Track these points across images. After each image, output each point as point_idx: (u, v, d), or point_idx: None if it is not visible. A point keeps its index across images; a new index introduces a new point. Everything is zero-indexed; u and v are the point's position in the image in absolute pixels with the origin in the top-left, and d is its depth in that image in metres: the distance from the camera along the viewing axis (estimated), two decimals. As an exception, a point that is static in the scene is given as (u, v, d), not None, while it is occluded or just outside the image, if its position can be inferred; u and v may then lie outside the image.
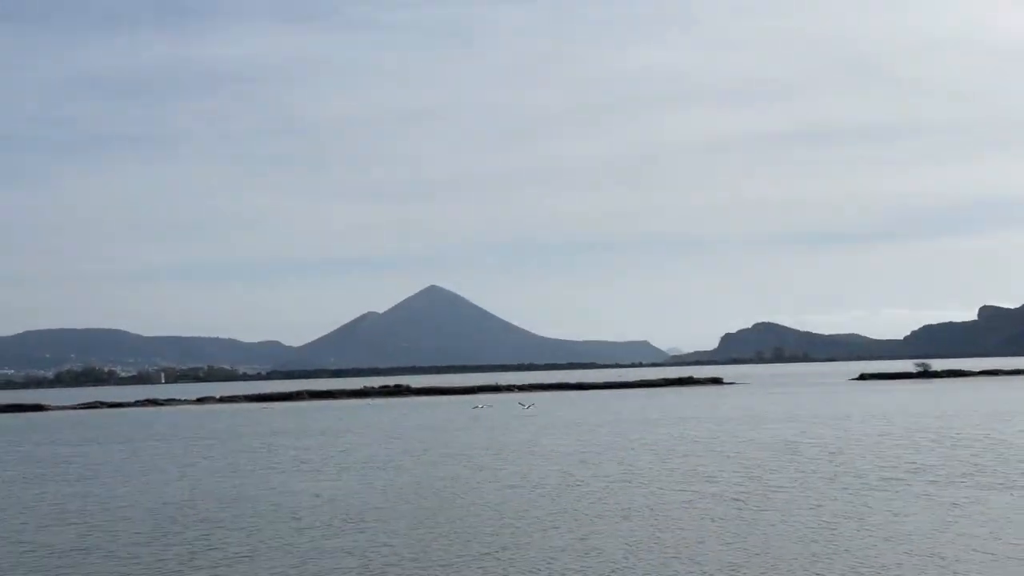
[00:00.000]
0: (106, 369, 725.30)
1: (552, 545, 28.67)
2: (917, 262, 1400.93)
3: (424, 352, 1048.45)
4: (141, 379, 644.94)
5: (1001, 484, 38.67)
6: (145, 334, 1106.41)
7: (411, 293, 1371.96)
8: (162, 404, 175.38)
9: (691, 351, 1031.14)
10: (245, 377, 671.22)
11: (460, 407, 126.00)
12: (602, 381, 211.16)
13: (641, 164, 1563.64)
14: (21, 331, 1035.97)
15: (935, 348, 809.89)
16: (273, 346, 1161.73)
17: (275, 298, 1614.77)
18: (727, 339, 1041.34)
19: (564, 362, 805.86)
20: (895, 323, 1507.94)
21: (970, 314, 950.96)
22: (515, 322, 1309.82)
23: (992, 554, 25.92)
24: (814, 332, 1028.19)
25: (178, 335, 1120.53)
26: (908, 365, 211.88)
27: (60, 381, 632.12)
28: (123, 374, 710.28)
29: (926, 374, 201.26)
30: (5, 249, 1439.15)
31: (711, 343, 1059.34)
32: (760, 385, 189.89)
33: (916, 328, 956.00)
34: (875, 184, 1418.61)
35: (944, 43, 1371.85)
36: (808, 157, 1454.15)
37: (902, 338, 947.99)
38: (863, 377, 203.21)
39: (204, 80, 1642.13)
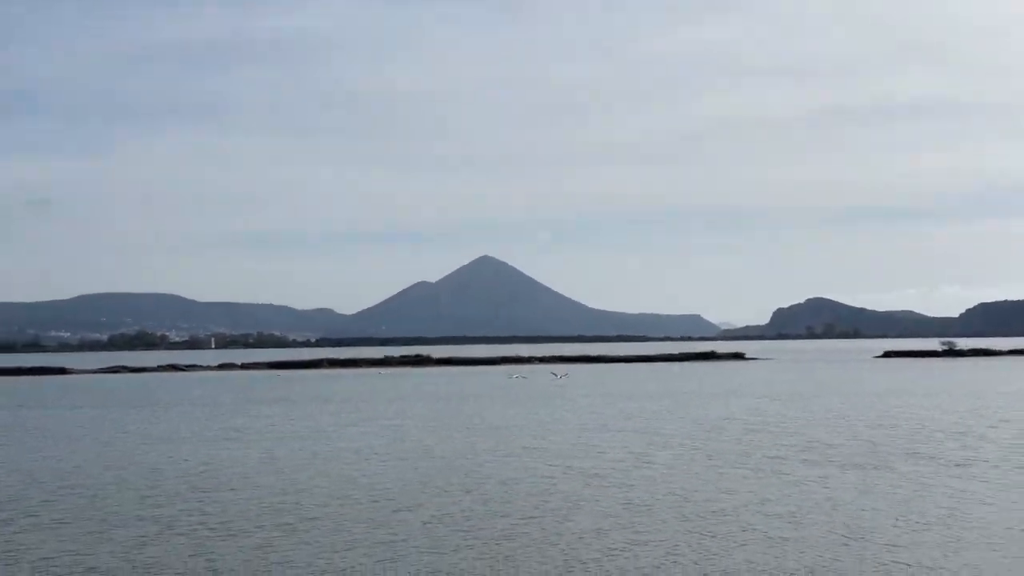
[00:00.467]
0: (159, 334, 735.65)
1: (353, 518, 29.09)
2: (976, 240, 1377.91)
3: (475, 322, 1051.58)
4: (192, 344, 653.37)
5: (872, 464, 38.49)
6: (200, 300, 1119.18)
7: (463, 263, 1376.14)
8: (183, 369, 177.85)
9: (743, 325, 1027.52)
10: (294, 344, 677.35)
11: (472, 378, 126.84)
12: (623, 355, 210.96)
13: (698, 139, 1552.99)
14: (77, 295, 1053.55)
15: (990, 326, 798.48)
16: (326, 314, 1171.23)
17: (329, 267, 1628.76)
18: (779, 314, 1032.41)
19: (613, 334, 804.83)
20: (952, 301, 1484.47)
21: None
22: (567, 294, 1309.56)
23: (762, 532, 26.09)
24: (868, 309, 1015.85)
25: (233, 301, 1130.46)
26: (934, 343, 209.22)
27: (113, 345, 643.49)
28: (175, 339, 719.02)
29: (951, 352, 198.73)
30: (64, 214, 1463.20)
31: (764, 318, 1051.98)
32: (780, 361, 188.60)
33: (972, 306, 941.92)
34: (934, 162, 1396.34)
35: (1004, 21, 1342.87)
36: (867, 134, 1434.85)
37: (957, 316, 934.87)
38: (887, 355, 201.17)
39: (261, 50, 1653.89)
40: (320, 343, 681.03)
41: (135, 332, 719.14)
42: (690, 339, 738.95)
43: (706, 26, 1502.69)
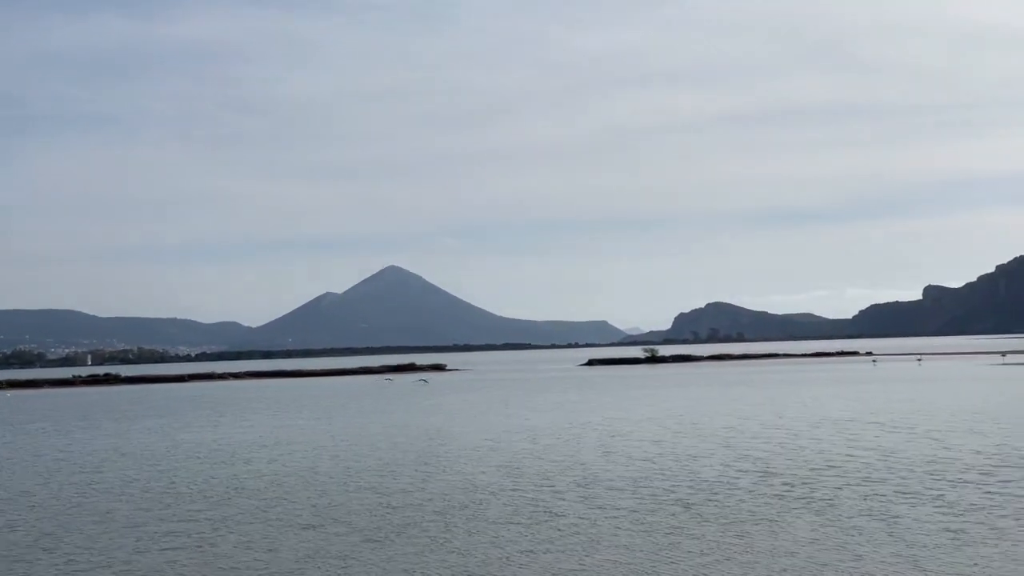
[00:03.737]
0: (35, 351, 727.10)
1: None
2: (881, 242, 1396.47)
3: (383, 332, 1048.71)
4: (68, 361, 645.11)
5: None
6: (102, 315, 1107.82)
7: (370, 273, 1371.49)
8: None
9: (648, 330, 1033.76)
10: (176, 359, 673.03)
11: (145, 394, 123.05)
12: (323, 368, 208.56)
13: (605, 145, 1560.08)
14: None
15: (880, 327, 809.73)
16: (231, 327, 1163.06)
17: (234, 279, 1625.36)
18: (681, 318, 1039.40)
19: (500, 343, 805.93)
20: (856, 302, 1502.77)
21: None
22: (475, 303, 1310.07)
23: None
24: (769, 312, 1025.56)
25: (136, 316, 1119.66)
26: (638, 351, 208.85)
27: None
28: (52, 356, 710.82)
29: (653, 359, 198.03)
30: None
31: (669, 323, 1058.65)
32: (480, 372, 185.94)
33: (865, 307, 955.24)
34: (838, 165, 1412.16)
35: (906, 25, 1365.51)
36: (772, 138, 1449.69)
37: (851, 317, 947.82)
38: (591, 363, 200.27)
39: (166, 59, 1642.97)
40: (200, 358, 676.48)
41: (11, 351, 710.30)
42: (577, 345, 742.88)
43: (620, 32, 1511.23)
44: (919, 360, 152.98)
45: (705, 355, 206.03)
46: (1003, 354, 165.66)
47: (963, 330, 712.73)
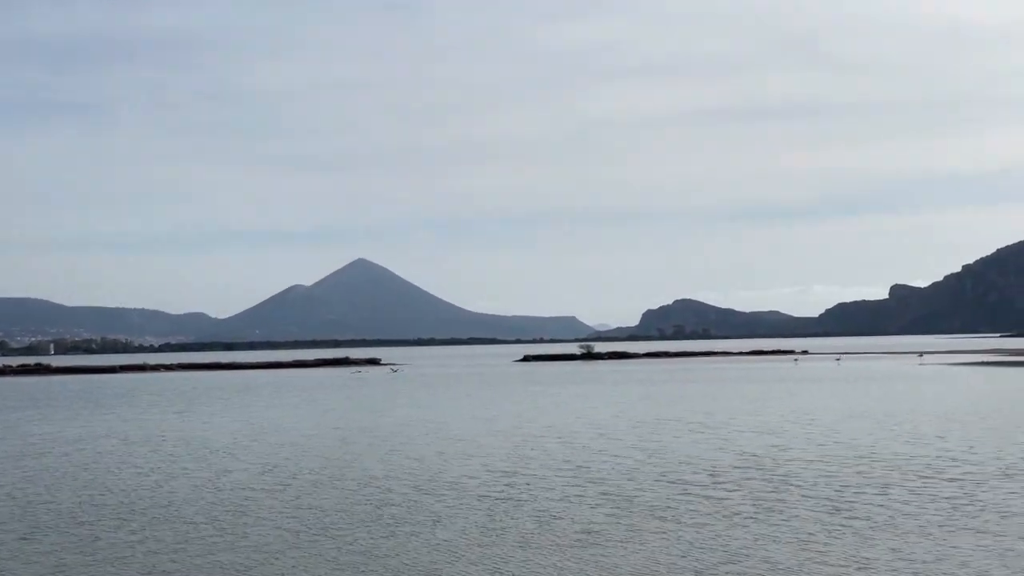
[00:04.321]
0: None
1: None
2: (849, 240, 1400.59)
3: (350, 325, 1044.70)
4: (31, 350, 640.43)
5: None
6: (69, 304, 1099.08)
7: (339, 266, 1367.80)
8: None
9: (616, 327, 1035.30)
10: (140, 349, 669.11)
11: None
12: (262, 361, 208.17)
13: (574, 140, 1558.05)
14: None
15: (846, 325, 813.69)
16: (199, 318, 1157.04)
17: (203, 269, 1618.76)
18: (648, 315, 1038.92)
19: (465, 337, 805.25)
20: (823, 300, 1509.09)
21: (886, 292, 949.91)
22: (444, 296, 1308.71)
23: None
24: (736, 309, 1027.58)
25: (103, 306, 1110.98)
26: (575, 347, 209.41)
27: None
28: (15, 345, 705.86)
29: (589, 356, 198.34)
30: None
31: (636, 319, 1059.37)
32: (415, 367, 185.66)
33: (831, 306, 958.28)
34: (806, 162, 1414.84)
35: (879, 23, 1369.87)
36: (741, 134, 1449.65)
37: (817, 316, 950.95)
38: (526, 359, 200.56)
39: (137, 47, 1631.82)
40: (163, 348, 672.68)
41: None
42: (542, 340, 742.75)
43: (590, 26, 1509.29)
44: (838, 359, 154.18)
45: (641, 352, 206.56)
46: (920, 354, 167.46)
47: (929, 329, 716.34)
